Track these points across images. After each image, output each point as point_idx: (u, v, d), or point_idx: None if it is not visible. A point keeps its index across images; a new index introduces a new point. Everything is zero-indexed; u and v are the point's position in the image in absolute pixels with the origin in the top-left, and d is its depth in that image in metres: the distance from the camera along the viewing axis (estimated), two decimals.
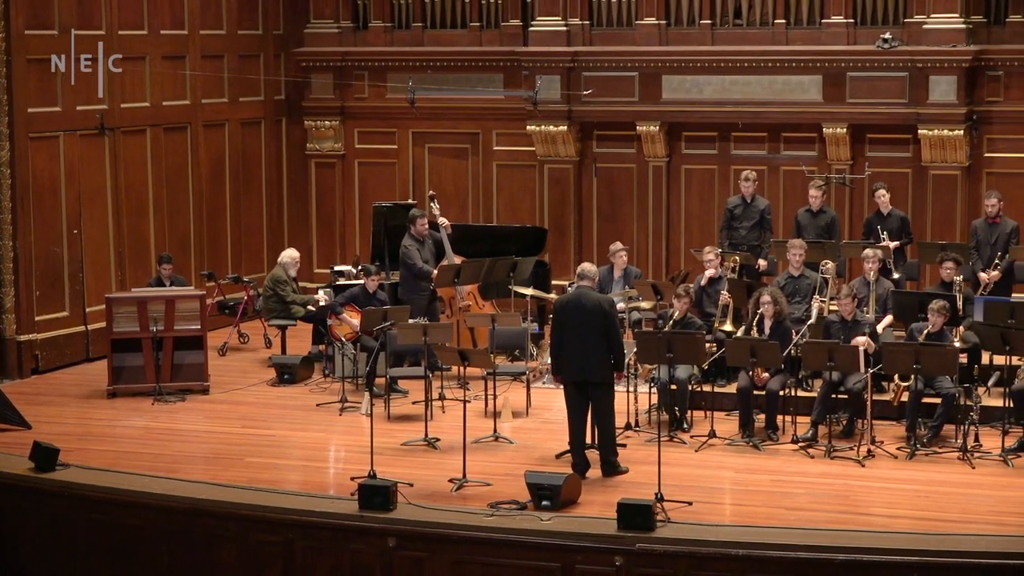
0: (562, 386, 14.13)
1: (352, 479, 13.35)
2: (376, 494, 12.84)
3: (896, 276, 17.12)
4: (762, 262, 17.81)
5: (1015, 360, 14.72)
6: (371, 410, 14.53)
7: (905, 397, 14.91)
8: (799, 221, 17.96)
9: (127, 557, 13.63)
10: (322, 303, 18.00)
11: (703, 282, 16.93)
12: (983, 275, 17.01)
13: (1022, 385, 14.44)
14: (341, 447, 15.36)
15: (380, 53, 21.37)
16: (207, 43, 20.43)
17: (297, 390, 17.38)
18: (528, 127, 20.42)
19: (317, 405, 16.66)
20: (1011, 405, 14.54)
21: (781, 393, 15.18)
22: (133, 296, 17.42)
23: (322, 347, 18.11)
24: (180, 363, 17.19)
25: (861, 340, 14.66)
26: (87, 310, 18.69)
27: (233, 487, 13.65)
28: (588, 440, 14.10)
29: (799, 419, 15.12)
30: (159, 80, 19.66)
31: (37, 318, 18.20)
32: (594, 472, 13.90)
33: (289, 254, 18.60)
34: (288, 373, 17.65)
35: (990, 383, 15.55)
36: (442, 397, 16.38)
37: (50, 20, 18.28)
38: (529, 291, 17.79)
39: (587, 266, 14.27)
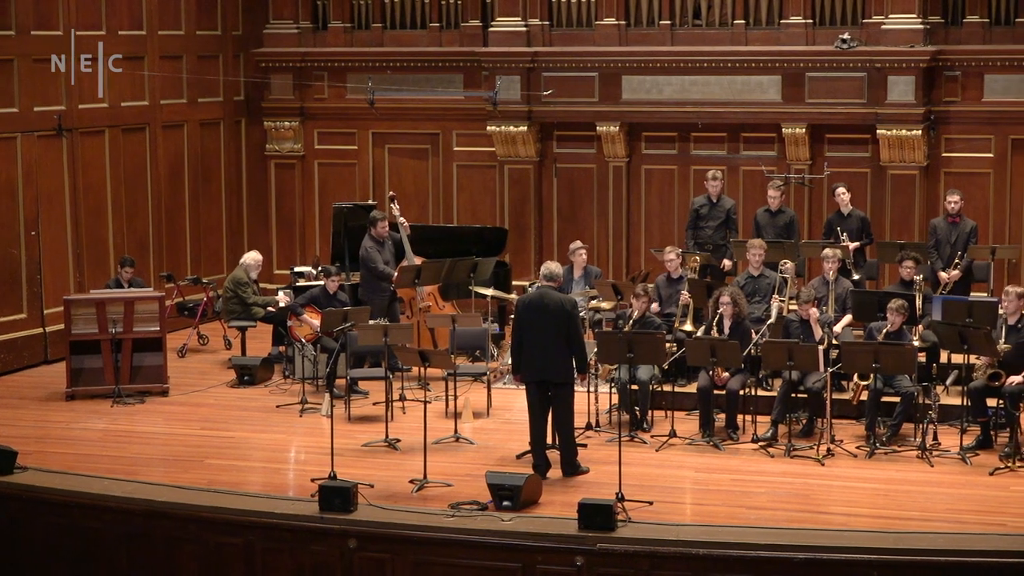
0: (523, 386, 14.13)
1: (312, 480, 13.31)
2: (336, 495, 12.81)
3: (856, 278, 17.18)
4: (727, 262, 17.86)
5: (973, 359, 14.78)
6: (331, 411, 14.49)
7: (864, 396, 14.97)
8: (758, 221, 18.02)
9: (86, 560, 13.55)
10: (282, 304, 17.96)
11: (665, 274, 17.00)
12: (943, 274, 17.09)
13: (980, 383, 14.51)
14: (301, 448, 15.32)
15: (340, 54, 21.32)
16: (165, 44, 20.35)
17: (257, 391, 17.33)
18: (488, 128, 20.41)
19: (277, 407, 16.61)
20: (969, 404, 14.61)
21: (741, 393, 15.22)
22: (91, 298, 17.32)
23: (282, 348, 18.06)
24: (139, 365, 17.12)
25: None
26: (45, 312, 18.59)
27: (193, 489, 13.60)
28: (549, 440, 14.11)
29: (759, 418, 15.17)
30: (117, 81, 19.56)
31: None
32: (555, 472, 13.91)
33: (252, 257, 18.54)
34: (248, 374, 17.60)
35: (948, 382, 15.62)
36: (403, 398, 16.36)
37: (7, 21, 18.18)
38: (490, 292, 17.79)
39: (551, 265, 14.25)
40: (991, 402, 14.58)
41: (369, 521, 12.70)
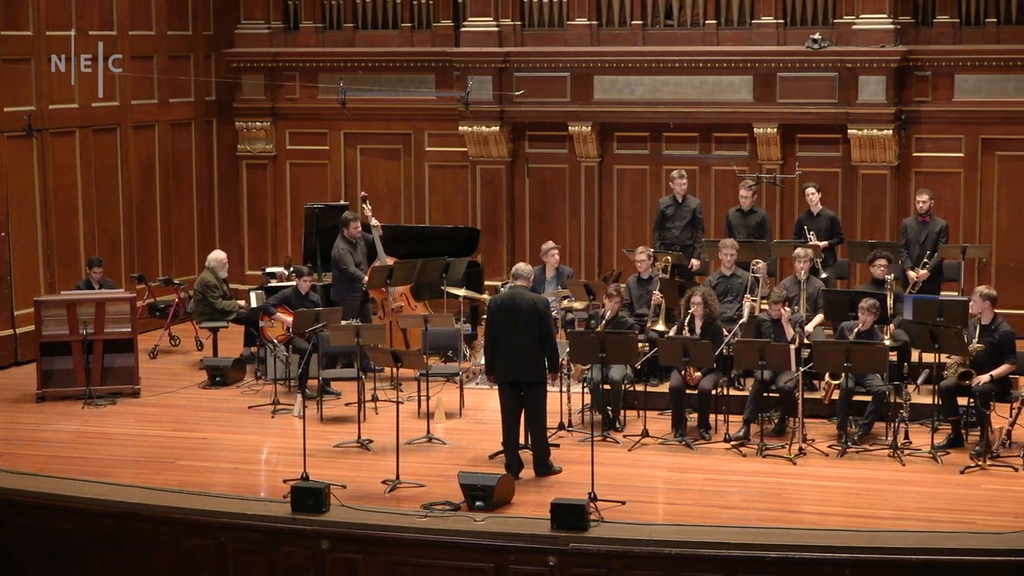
0: (496, 386, 14.13)
1: (285, 481, 13.28)
2: (309, 496, 12.78)
3: (824, 276, 17.20)
4: (695, 262, 17.88)
5: (944, 358, 14.82)
6: (304, 412, 14.46)
7: (836, 395, 14.99)
8: (730, 221, 18.05)
9: (58, 562, 13.50)
10: (254, 304, 17.93)
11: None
12: (912, 273, 17.16)
13: (951, 382, 14.56)
14: (273, 449, 15.28)
15: (311, 54, 21.30)
16: (136, 44, 20.27)
17: (229, 392, 17.29)
18: (460, 128, 20.41)
19: (249, 407, 16.58)
20: (940, 402, 14.67)
21: (713, 392, 15.24)
22: (62, 299, 17.25)
23: (254, 349, 18.02)
24: (110, 366, 17.06)
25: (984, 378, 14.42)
26: (15, 313, 18.51)
27: (164, 490, 13.55)
28: (521, 440, 14.11)
29: (731, 418, 15.19)
30: (87, 81, 19.47)
31: None
32: (527, 472, 13.91)
33: (216, 256, 18.46)
34: (220, 375, 17.55)
35: (919, 381, 15.65)
36: (375, 398, 16.34)
37: None
38: (462, 292, 17.78)
39: (522, 266, 14.30)
40: (962, 401, 14.64)
41: (341, 522, 12.68)
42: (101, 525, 13.32)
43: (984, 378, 14.33)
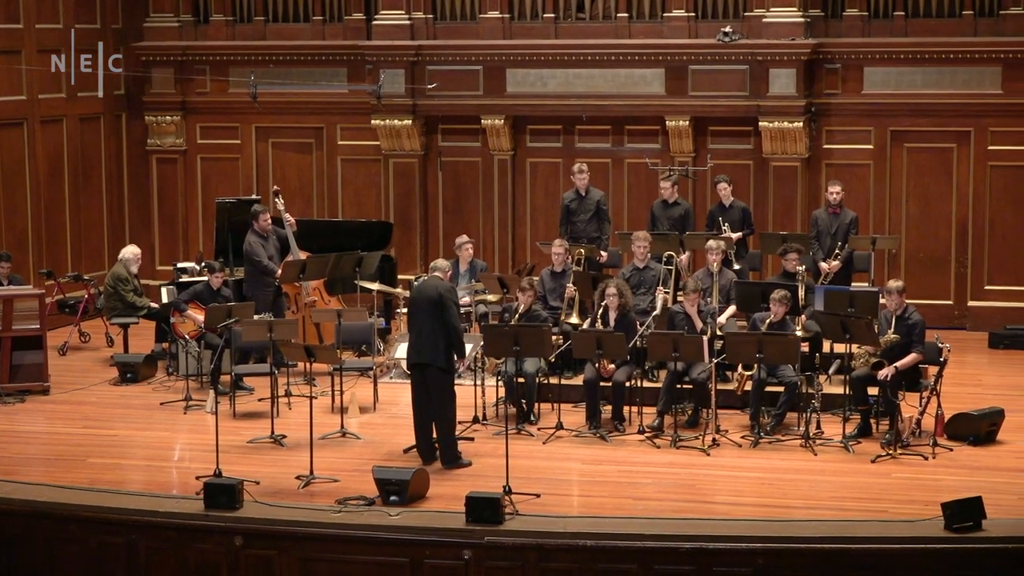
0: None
1: (197, 478, 13.18)
2: (222, 493, 12.68)
3: (737, 267, 17.30)
4: (603, 253, 17.89)
5: (855, 348, 14.95)
6: (216, 408, 14.37)
7: (748, 386, 15.08)
8: (653, 212, 18.09)
9: None
10: (165, 300, 17.79)
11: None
12: (824, 265, 17.30)
13: (862, 372, 14.69)
14: (186, 446, 15.16)
15: (222, 47, 21.15)
16: (43, 37, 20.03)
17: (140, 389, 17.14)
18: (373, 121, 20.34)
19: (161, 404, 16.45)
20: (851, 392, 14.79)
21: (627, 384, 15.28)
22: None
23: (165, 345, 17.89)
24: (19, 363, 16.85)
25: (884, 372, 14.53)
26: None
27: (74, 488, 13.39)
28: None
29: (645, 409, 15.26)
30: None
31: None
32: (439, 465, 13.90)
33: (130, 251, 18.33)
34: (131, 372, 17.40)
35: (831, 371, 15.77)
36: (288, 394, 16.24)
37: None
38: (375, 286, 17.75)
39: (440, 261, 14.54)
40: (872, 391, 14.77)
41: (255, 518, 12.59)
42: (10, 525, 13.14)
43: (889, 370, 14.44)
